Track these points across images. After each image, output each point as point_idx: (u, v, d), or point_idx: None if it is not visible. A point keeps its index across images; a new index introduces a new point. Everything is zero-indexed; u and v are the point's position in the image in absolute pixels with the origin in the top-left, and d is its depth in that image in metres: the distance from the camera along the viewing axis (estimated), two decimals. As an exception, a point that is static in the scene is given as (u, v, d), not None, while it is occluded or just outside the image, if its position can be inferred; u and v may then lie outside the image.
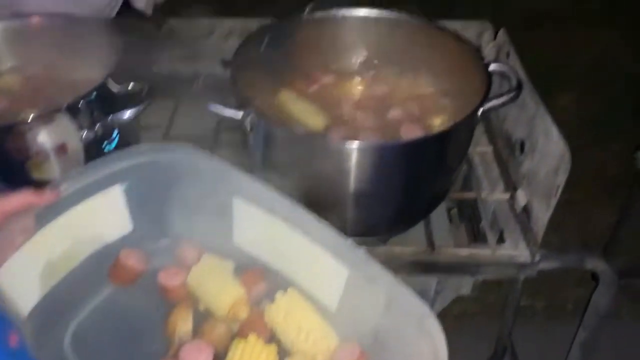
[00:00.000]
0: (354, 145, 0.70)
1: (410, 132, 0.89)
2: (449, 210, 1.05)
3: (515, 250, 0.84)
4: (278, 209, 0.69)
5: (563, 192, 0.77)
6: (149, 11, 1.37)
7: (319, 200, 0.75)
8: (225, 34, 1.07)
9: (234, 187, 0.72)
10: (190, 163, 0.74)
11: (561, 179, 0.75)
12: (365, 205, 0.77)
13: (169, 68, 1.10)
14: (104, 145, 0.90)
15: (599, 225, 1.92)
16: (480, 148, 1.01)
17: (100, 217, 0.74)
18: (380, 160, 0.72)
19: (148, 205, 0.76)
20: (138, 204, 0.76)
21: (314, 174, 0.74)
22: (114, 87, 0.88)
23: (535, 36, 2.52)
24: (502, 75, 0.84)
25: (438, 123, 0.91)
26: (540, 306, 1.76)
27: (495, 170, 0.97)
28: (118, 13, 1.24)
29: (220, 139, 1.00)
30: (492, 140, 1.02)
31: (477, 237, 0.98)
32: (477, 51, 0.87)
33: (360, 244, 0.82)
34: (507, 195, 0.92)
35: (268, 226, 0.71)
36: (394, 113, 0.93)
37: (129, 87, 0.89)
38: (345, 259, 0.65)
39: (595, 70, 2.52)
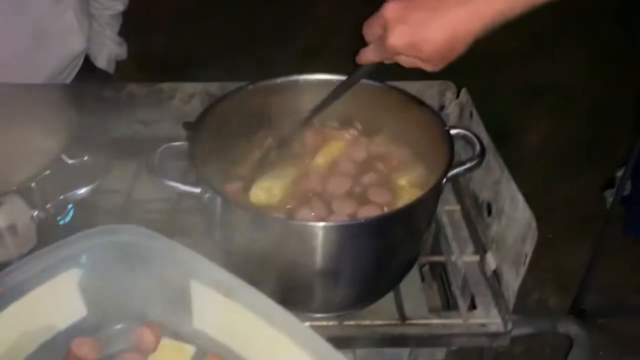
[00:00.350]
0: (317, 225, 0.68)
1: (378, 195, 0.87)
2: (421, 267, 1.03)
3: (487, 318, 0.81)
4: (236, 293, 0.66)
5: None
6: (111, 70, 1.35)
7: (284, 279, 0.72)
8: (187, 98, 1.05)
9: (191, 270, 0.69)
10: (144, 245, 0.70)
11: (529, 248, 0.74)
12: (332, 283, 0.74)
13: (129, 132, 1.08)
14: (58, 219, 0.86)
15: (571, 264, 1.93)
16: (448, 207, 1.00)
17: (51, 305, 0.70)
18: (345, 238, 0.70)
19: (102, 289, 0.72)
20: (92, 288, 0.72)
21: (276, 253, 0.71)
22: (69, 160, 0.85)
23: (499, 74, 2.56)
24: (466, 139, 0.83)
25: (405, 183, 0.89)
26: (519, 351, 1.74)
27: (464, 230, 0.96)
28: (79, 74, 1.21)
29: (183, 204, 0.97)
30: (459, 199, 1.00)
31: (449, 299, 0.96)
32: (438, 116, 0.86)
33: (328, 319, 0.80)
34: (476, 258, 0.90)
35: (228, 310, 0.68)
36: (362, 174, 0.91)
37: (84, 159, 0.86)
38: (307, 347, 0.62)
39: (563, 105, 2.55)
